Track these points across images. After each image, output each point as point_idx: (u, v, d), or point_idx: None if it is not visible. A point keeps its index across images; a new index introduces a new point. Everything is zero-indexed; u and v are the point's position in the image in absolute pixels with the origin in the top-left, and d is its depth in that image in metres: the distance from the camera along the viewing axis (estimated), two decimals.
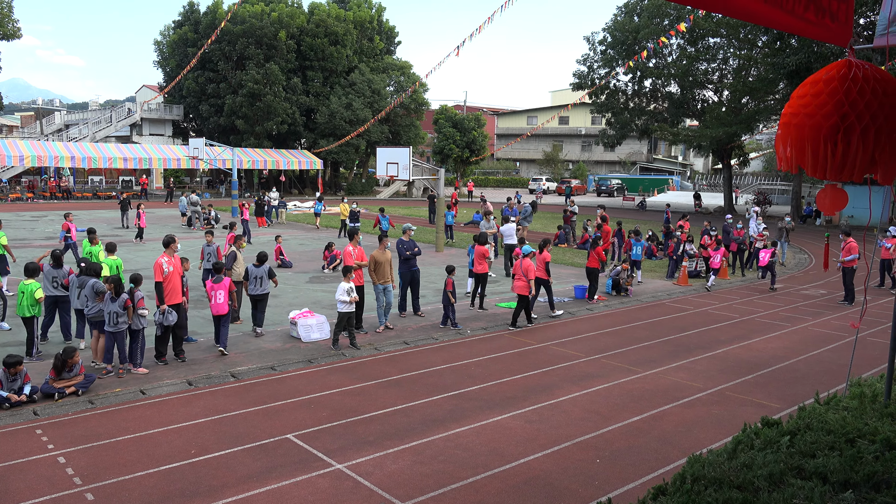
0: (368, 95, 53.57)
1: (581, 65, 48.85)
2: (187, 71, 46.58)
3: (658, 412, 8.98)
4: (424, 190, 57.57)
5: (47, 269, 11.17)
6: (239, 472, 6.96)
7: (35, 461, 7.11)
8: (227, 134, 54.28)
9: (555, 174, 77.09)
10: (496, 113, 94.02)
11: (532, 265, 13.26)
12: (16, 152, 43.53)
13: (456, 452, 7.56)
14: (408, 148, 23.54)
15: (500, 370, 10.70)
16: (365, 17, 57.45)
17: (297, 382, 9.90)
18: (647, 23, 42.52)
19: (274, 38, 51.61)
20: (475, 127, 57.93)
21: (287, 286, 16.97)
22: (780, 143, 4.93)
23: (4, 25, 49.37)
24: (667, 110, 48.21)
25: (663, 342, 12.76)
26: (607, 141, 51.70)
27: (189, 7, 56.19)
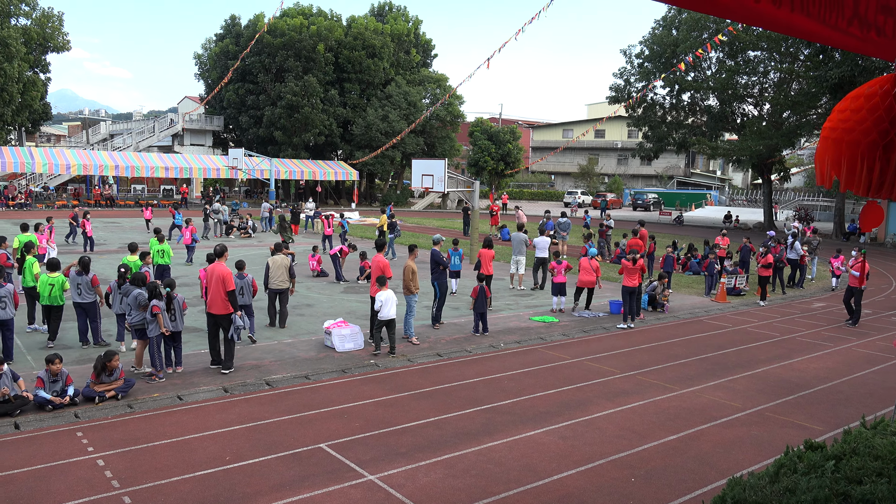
0: (404, 108, 53.97)
1: (618, 78, 48.57)
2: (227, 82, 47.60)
3: (695, 431, 8.80)
4: (459, 202, 57.65)
5: (73, 276, 11.45)
6: (272, 480, 7.00)
7: (75, 463, 7.25)
8: (265, 145, 55.16)
9: (590, 188, 76.55)
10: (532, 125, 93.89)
11: (598, 264, 16.21)
12: (63, 161, 44.85)
13: (488, 467, 7.50)
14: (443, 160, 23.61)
15: (534, 384, 10.61)
16: (402, 31, 57.99)
17: (331, 392, 9.94)
18: (686, 36, 42.12)
19: (313, 50, 52.39)
20: (510, 139, 57.90)
21: (322, 296, 17.11)
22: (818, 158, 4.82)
23: (55, 38, 51.04)
24: (705, 124, 47.58)
25: (700, 360, 12.53)
26: (644, 154, 51.23)
27: (231, 21, 57.40)
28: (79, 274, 11.42)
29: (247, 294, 12.14)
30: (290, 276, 13.46)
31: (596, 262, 16.25)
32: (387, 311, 11.67)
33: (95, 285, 11.53)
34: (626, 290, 15.03)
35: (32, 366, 10.35)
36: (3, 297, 10.49)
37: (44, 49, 51.09)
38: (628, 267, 14.94)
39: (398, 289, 14.79)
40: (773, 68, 42.47)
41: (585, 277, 16.04)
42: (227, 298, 10.48)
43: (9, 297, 10.57)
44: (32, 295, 12.37)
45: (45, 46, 50.86)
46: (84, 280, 11.41)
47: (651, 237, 22.27)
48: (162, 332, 10.12)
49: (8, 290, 10.64)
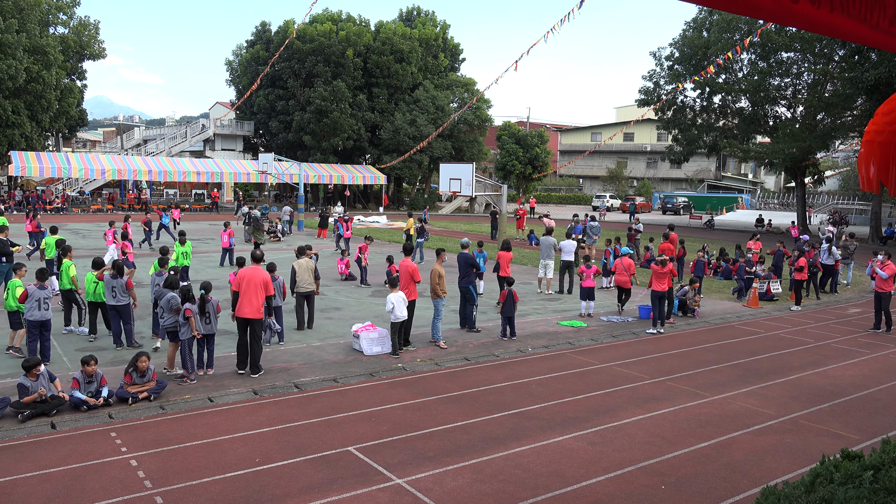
0: (432, 112, 54.12)
1: (647, 80, 48.11)
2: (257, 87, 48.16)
3: (727, 439, 8.66)
4: (486, 206, 57.60)
5: (107, 279, 11.68)
6: (301, 483, 7.05)
7: (109, 463, 7.38)
8: (294, 149, 55.72)
9: (619, 191, 75.92)
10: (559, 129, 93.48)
11: (632, 263, 16.42)
12: (98, 166, 45.81)
13: (516, 472, 7.47)
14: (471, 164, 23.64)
15: (562, 389, 10.54)
16: (430, 35, 58.19)
17: (359, 395, 9.98)
18: (718, 37, 41.57)
19: (341, 56, 52.83)
20: (538, 143, 57.72)
21: (350, 299, 17.21)
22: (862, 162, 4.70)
23: (91, 46, 52.23)
24: (737, 126, 46.88)
25: (732, 366, 12.33)
26: (674, 158, 50.64)
27: (261, 27, 58.14)
28: (113, 277, 11.64)
29: (277, 296, 12.26)
30: (315, 277, 13.58)
31: (629, 261, 16.41)
32: (399, 313, 11.79)
33: (129, 288, 11.76)
34: (656, 295, 14.87)
35: (68, 367, 10.58)
36: (45, 299, 10.73)
37: (80, 57, 52.34)
38: (657, 271, 14.79)
39: (425, 292, 14.83)
40: (807, 69, 41.72)
41: (619, 277, 16.36)
42: (265, 303, 10.75)
43: (49, 299, 10.81)
44: (69, 297, 12.64)
45: (81, 54, 52.10)
46: (119, 283, 11.63)
47: (681, 241, 21.99)
48: (193, 335, 10.27)
49: (48, 292, 10.88)
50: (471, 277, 13.95)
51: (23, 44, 42.65)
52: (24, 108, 44.62)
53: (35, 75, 43.97)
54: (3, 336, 12.35)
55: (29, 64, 43.26)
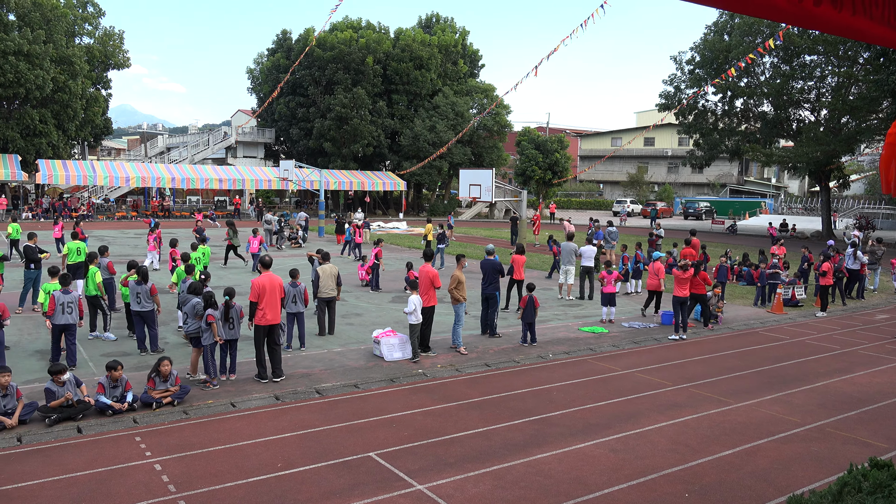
0: (452, 118, 54.24)
1: (667, 85, 47.83)
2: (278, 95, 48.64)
3: (751, 447, 8.55)
4: (506, 211, 57.51)
5: (132, 285, 11.84)
6: (323, 488, 7.07)
7: (134, 467, 7.47)
8: (315, 156, 56.12)
9: (640, 196, 75.43)
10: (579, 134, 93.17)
11: (662, 267, 16.62)
12: (122, 174, 46.51)
13: (537, 479, 7.43)
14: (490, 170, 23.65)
15: (583, 396, 10.47)
16: (449, 42, 58.36)
17: (380, 401, 10.01)
18: (739, 41, 41.22)
19: (361, 63, 53.16)
20: (558, 148, 57.55)
21: (370, 305, 17.26)
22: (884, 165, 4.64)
23: (116, 56, 53.09)
24: (759, 130, 46.39)
25: (756, 373, 12.18)
26: (695, 162, 50.23)
27: (282, 35, 58.71)
28: (138, 283, 11.80)
29: (299, 302, 12.34)
30: (336, 283, 13.64)
31: (659, 265, 16.58)
32: (419, 315, 11.92)
33: (154, 294, 11.91)
34: (678, 301, 14.75)
35: (94, 372, 10.72)
36: (70, 303, 10.91)
37: (105, 66, 53.20)
38: (679, 276, 14.66)
39: (446, 298, 14.84)
40: (831, 72, 41.20)
41: (651, 281, 16.52)
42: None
43: (74, 303, 10.98)
44: (94, 303, 12.83)
45: (106, 64, 52.96)
46: (143, 289, 11.79)
47: (703, 247, 21.79)
48: (216, 341, 10.36)
49: (73, 296, 11.06)
50: (497, 284, 13.96)
51: (50, 54, 43.47)
52: (51, 117, 45.44)
53: (62, 85, 44.78)
54: (34, 340, 12.56)
55: (56, 74, 44.08)
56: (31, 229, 18.76)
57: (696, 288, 15.49)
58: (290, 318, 12.40)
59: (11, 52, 41.08)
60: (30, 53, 41.84)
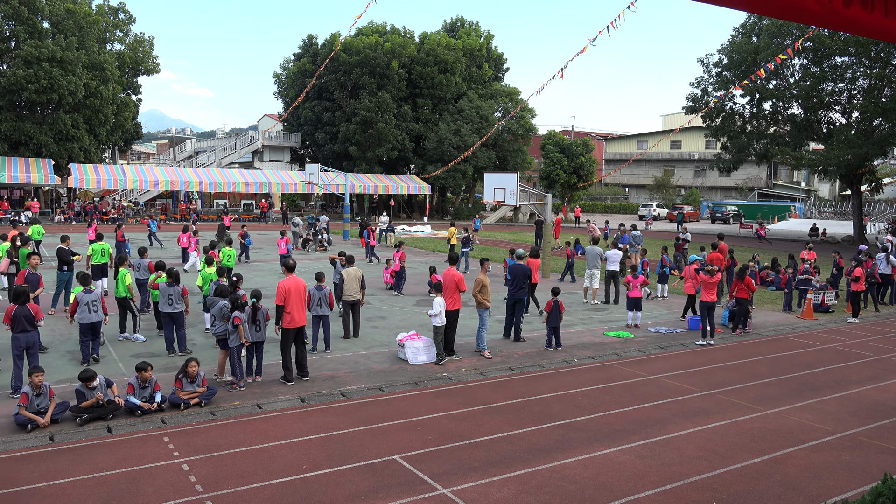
0: (476, 122, 54.26)
1: (695, 87, 47.36)
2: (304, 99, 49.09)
3: (781, 455, 8.41)
4: (531, 215, 57.34)
5: (163, 287, 12.02)
6: (347, 490, 7.10)
7: (162, 467, 7.57)
8: (340, 160, 56.49)
9: (666, 200, 74.73)
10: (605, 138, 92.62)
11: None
12: (152, 177, 47.25)
13: (563, 484, 7.39)
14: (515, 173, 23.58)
15: (609, 401, 10.39)
16: (474, 45, 58.42)
17: (404, 404, 10.02)
18: (768, 43, 40.69)
19: (386, 67, 53.44)
20: (583, 152, 57.27)
21: (395, 308, 17.31)
22: None
23: (146, 62, 54.02)
24: (788, 133, 45.72)
25: (786, 379, 11.98)
26: (723, 166, 49.64)
27: (308, 40, 59.24)
28: (169, 285, 11.99)
29: (324, 305, 12.42)
30: (360, 287, 13.70)
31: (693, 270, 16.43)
32: (444, 317, 11.98)
33: (185, 295, 12.11)
34: (705, 306, 14.57)
35: (123, 372, 10.89)
36: (94, 301, 11.25)
37: (136, 72, 54.16)
38: (706, 281, 14.50)
39: (470, 302, 14.83)
40: (863, 74, 40.49)
41: (688, 285, 16.50)
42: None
43: (98, 301, 11.32)
44: (124, 305, 13.04)
45: (136, 69, 53.91)
46: (175, 291, 11.99)
47: (730, 251, 21.50)
48: (242, 343, 10.47)
49: (96, 294, 11.41)
50: (526, 289, 13.92)
51: (82, 60, 44.35)
52: (83, 122, 46.34)
53: (93, 90, 45.65)
54: (66, 341, 12.79)
55: (88, 80, 44.95)
56: (63, 232, 19.11)
57: (741, 293, 15.57)
58: (315, 321, 12.48)
59: (46, 59, 42.00)
60: (63, 60, 42.73)
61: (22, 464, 7.57)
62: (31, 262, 12.49)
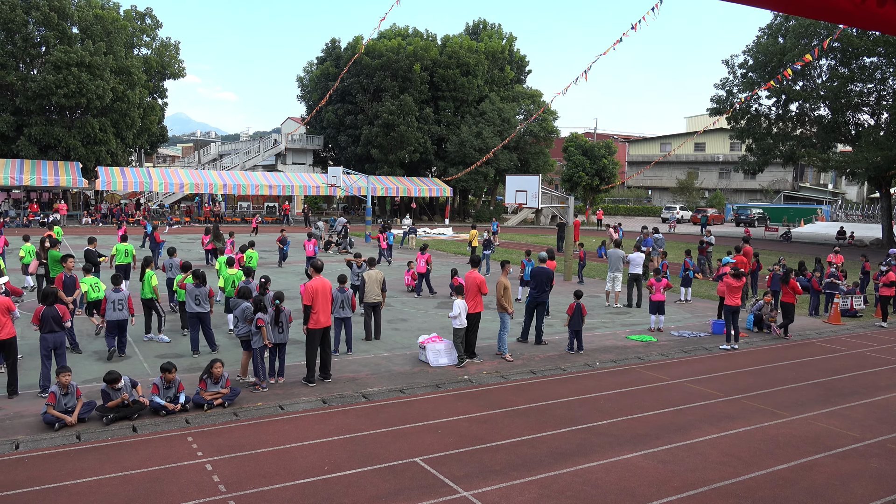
0: (498, 124, 54.23)
1: (719, 89, 46.89)
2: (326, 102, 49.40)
3: (807, 461, 8.27)
4: (553, 218, 57.13)
5: (190, 288, 12.19)
6: (369, 492, 7.12)
7: (186, 466, 7.65)
8: (362, 162, 56.78)
9: (690, 203, 74.01)
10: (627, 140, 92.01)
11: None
12: (177, 180, 47.86)
13: (584, 489, 7.34)
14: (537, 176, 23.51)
15: (631, 405, 10.31)
16: (496, 48, 58.40)
17: (425, 406, 10.03)
18: (794, 43, 40.16)
19: (409, 70, 53.62)
20: (605, 154, 56.99)
21: (416, 311, 17.34)
22: None
23: (172, 66, 54.75)
24: (815, 135, 45.04)
25: (812, 385, 11.80)
26: (748, 168, 49.06)
27: (331, 44, 59.64)
28: (196, 286, 12.17)
29: (347, 307, 12.48)
30: (381, 289, 13.74)
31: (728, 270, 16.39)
32: (464, 319, 12.00)
33: (211, 296, 12.29)
34: (729, 310, 14.41)
35: (148, 373, 11.03)
36: (121, 300, 11.68)
37: (162, 76, 54.93)
38: (732, 284, 14.33)
39: (491, 304, 14.81)
40: (892, 75, 39.77)
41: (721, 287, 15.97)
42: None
43: (124, 300, 11.71)
44: (149, 306, 13.22)
45: (162, 74, 54.68)
46: (202, 291, 12.16)
47: (755, 255, 21.24)
48: (265, 344, 10.55)
49: (124, 294, 11.76)
50: (548, 292, 13.85)
51: (110, 65, 45.09)
52: (111, 125, 47.10)
53: (120, 95, 46.38)
54: (93, 341, 12.99)
55: (115, 84, 45.68)
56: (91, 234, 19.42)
57: (786, 296, 15.47)
58: (337, 323, 12.54)
59: (74, 64, 42.76)
60: (91, 65, 43.48)
61: (49, 462, 7.70)
62: (68, 264, 12.70)
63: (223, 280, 13.85)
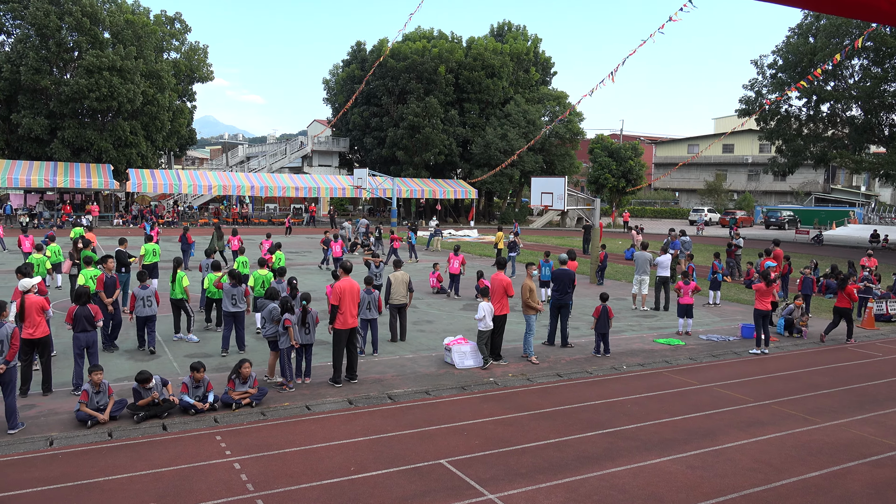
0: (523, 126, 54.06)
1: (748, 90, 46.25)
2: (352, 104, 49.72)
3: (841, 469, 8.11)
4: (578, 220, 56.80)
5: (227, 287, 12.36)
6: (395, 493, 7.13)
7: (214, 465, 7.73)
8: (387, 164, 56.98)
9: (718, 205, 73.07)
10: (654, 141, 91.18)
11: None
12: (205, 182, 48.48)
13: (611, 493, 7.27)
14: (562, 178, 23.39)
15: (659, 410, 10.19)
16: (521, 50, 58.24)
17: (451, 408, 10.02)
18: (825, 43, 39.47)
19: (434, 72, 53.71)
20: (632, 156, 56.52)
21: (442, 312, 17.35)
22: None
23: (200, 70, 55.47)
24: (848, 136, 44.21)
25: (846, 391, 11.56)
26: (778, 170, 48.36)
27: (357, 47, 59.98)
28: (233, 286, 12.35)
29: (373, 308, 12.54)
30: (408, 290, 13.82)
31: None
32: (489, 322, 11.98)
33: (247, 296, 12.52)
34: (759, 314, 14.18)
35: (178, 372, 11.18)
36: (148, 297, 12.15)
37: (190, 80, 55.68)
38: (761, 288, 14.11)
39: (517, 307, 14.75)
40: None
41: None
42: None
43: (151, 296, 12.20)
44: (180, 306, 13.40)
45: (191, 77, 55.43)
46: (238, 291, 12.35)
47: (786, 257, 20.90)
48: (292, 345, 10.63)
49: (150, 290, 12.26)
50: (570, 294, 13.77)
51: (140, 69, 45.83)
52: (141, 128, 47.87)
53: (150, 98, 47.13)
54: (123, 341, 13.19)
55: (145, 88, 46.43)
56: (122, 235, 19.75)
57: (842, 302, 15.29)
58: (363, 324, 12.59)
59: (106, 68, 43.54)
60: (122, 69, 44.25)
61: (82, 458, 7.83)
62: (108, 265, 12.92)
63: (253, 279, 14.01)
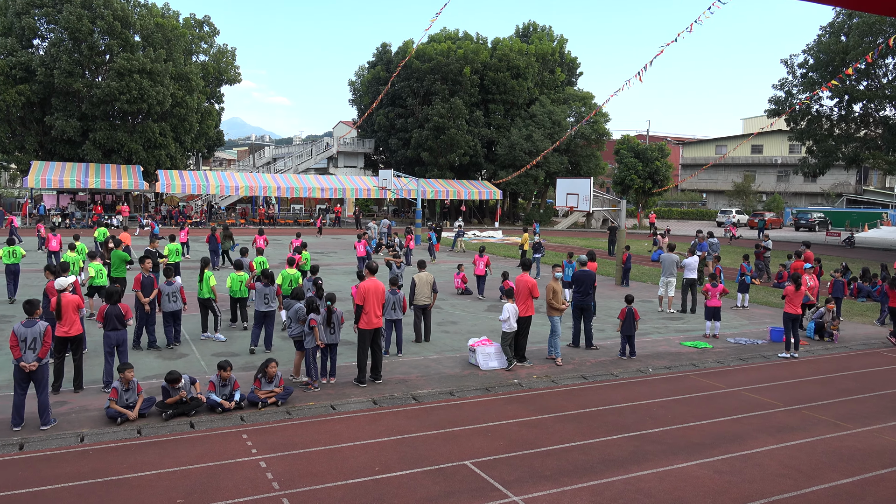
0: (549, 127, 53.84)
1: (778, 90, 45.55)
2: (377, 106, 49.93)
3: (873, 476, 7.94)
4: (604, 221, 56.42)
5: (259, 287, 12.54)
6: (419, 494, 7.14)
7: (241, 463, 7.81)
8: (412, 165, 57.12)
9: (746, 206, 72.06)
10: (681, 142, 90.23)
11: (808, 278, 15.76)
12: (232, 183, 49.04)
13: (637, 497, 7.21)
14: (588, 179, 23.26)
15: (685, 413, 10.08)
16: (547, 50, 58.01)
17: (475, 410, 10.01)
18: (858, 42, 38.72)
19: (459, 73, 53.73)
20: (658, 157, 55.98)
21: (466, 314, 17.34)
22: None
23: (228, 72, 56.17)
24: (881, 136, 43.31)
25: (878, 396, 11.33)
26: (808, 171, 47.55)
27: (382, 48, 60.24)
28: (265, 286, 12.52)
29: (398, 309, 12.57)
30: (432, 291, 13.83)
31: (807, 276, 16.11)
32: (513, 323, 11.95)
33: (278, 295, 12.75)
34: (789, 317, 13.94)
35: (205, 370, 11.31)
36: (174, 293, 12.62)
37: (219, 82, 56.43)
38: (791, 291, 13.87)
39: (541, 308, 14.69)
40: None
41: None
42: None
43: (177, 293, 12.65)
44: (206, 305, 13.57)
45: (219, 79, 56.17)
46: (271, 290, 12.55)
47: (817, 260, 20.54)
48: (317, 345, 10.71)
49: (176, 286, 12.70)
50: (592, 294, 13.69)
51: (169, 72, 46.55)
52: (170, 130, 48.62)
53: (179, 100, 47.83)
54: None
55: (174, 90, 47.13)
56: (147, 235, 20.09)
57: (894, 301, 15.26)
58: (388, 324, 12.64)
59: (136, 71, 44.30)
60: (152, 71, 44.98)
61: (112, 455, 7.96)
62: (145, 265, 13.13)
63: (281, 278, 14.13)
